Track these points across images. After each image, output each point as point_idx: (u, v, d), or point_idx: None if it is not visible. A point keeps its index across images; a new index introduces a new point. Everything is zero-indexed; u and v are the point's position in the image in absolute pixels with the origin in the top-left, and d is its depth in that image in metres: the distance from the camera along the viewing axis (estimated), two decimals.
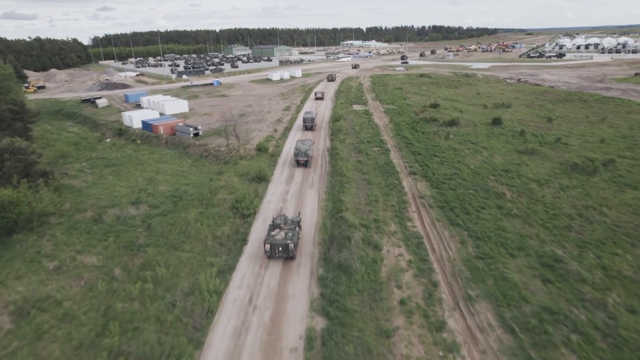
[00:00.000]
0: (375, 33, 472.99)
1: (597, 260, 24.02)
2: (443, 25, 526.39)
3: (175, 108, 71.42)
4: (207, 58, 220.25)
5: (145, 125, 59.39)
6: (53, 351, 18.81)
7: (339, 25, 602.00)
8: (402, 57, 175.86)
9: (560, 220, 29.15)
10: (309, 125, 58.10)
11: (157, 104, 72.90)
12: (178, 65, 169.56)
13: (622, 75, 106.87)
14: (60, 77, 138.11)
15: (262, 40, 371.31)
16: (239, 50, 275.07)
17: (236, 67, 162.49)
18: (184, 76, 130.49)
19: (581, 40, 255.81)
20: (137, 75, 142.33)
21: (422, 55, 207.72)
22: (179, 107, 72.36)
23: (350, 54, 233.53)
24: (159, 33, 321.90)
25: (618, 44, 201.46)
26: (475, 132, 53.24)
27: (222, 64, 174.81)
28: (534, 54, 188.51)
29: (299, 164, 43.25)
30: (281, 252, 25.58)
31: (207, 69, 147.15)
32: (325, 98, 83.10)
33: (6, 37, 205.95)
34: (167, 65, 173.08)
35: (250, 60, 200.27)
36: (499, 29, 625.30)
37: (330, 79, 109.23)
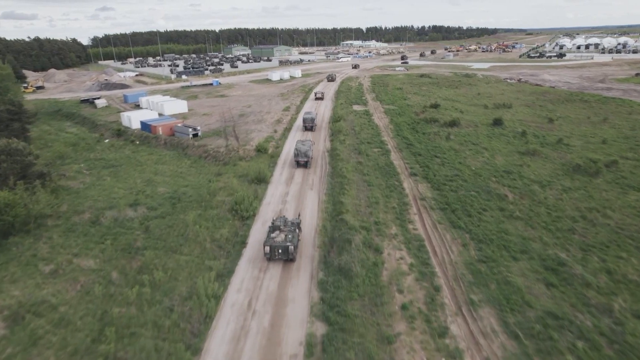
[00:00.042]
0: (375, 33, 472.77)
1: (601, 264, 23.66)
2: (443, 25, 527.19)
3: (174, 108, 71.01)
4: (207, 58, 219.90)
5: (144, 125, 59.01)
6: (48, 358, 18.43)
7: (339, 25, 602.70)
8: (402, 57, 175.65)
9: (563, 222, 28.79)
10: (308, 126, 57.77)
11: (156, 104, 72.49)
12: (177, 66, 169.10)
13: (623, 76, 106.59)
14: (59, 77, 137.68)
15: (262, 40, 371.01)
16: (239, 50, 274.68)
17: (236, 67, 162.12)
18: (184, 76, 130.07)
19: (581, 40, 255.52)
20: (136, 75, 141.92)
21: (422, 55, 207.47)
22: (178, 107, 71.95)
23: (350, 54, 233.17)
24: (158, 33, 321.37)
25: (618, 44, 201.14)
26: (476, 133, 52.88)
27: (222, 64, 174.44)
28: (534, 54, 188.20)
29: (299, 164, 42.91)
30: (281, 255, 25.27)
31: (207, 69, 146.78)
32: (325, 98, 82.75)
33: (5, 37, 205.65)
34: (167, 66, 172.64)
35: (250, 61, 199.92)
36: (498, 29, 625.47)
37: (330, 79, 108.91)
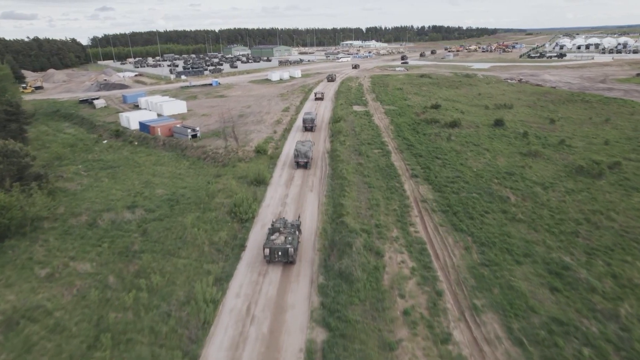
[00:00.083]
0: (375, 33, 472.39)
1: (606, 268, 23.26)
2: (443, 25, 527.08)
3: (173, 109, 70.60)
4: (206, 58, 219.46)
5: (142, 126, 58.59)
6: None
7: (339, 25, 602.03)
8: (402, 57, 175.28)
9: (566, 225, 28.40)
10: (308, 126, 57.41)
11: (155, 104, 72.04)
12: (177, 66, 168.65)
13: (624, 76, 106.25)
14: (58, 77, 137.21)
15: (262, 40, 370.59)
16: (238, 50, 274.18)
17: (235, 67, 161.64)
18: (183, 76, 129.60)
19: (581, 40, 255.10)
20: (135, 75, 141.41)
21: (422, 55, 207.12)
22: (177, 107, 71.53)
23: (350, 54, 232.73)
24: (158, 33, 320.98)
25: (618, 44, 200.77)
26: (478, 134, 52.49)
27: (221, 64, 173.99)
28: (535, 54, 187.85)
29: (299, 165, 42.53)
30: (281, 257, 24.91)
31: (206, 69, 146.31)
32: (325, 98, 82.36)
33: (4, 37, 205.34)
34: (166, 66, 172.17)
35: (250, 61, 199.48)
36: (498, 29, 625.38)
37: (330, 79, 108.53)
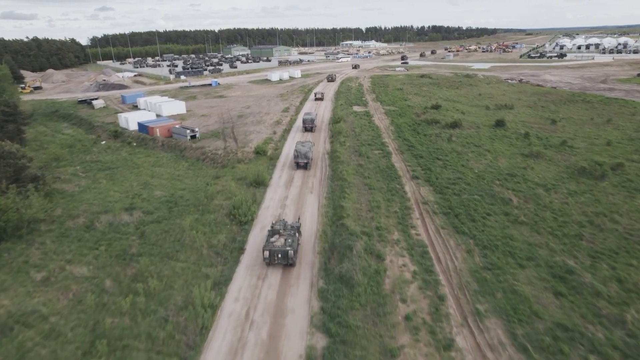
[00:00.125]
0: (375, 33, 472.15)
1: (611, 272, 22.89)
2: (442, 25, 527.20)
3: (172, 109, 70.21)
4: (206, 58, 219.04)
5: (141, 127, 58.20)
6: None
7: (339, 26, 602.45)
8: (402, 58, 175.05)
9: (570, 228, 28.03)
10: (308, 127, 57.07)
11: (154, 105, 71.67)
12: (176, 66, 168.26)
13: (625, 76, 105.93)
14: (57, 77, 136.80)
15: (261, 40, 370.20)
16: (238, 50, 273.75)
17: (235, 67, 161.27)
18: (182, 77, 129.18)
19: (581, 40, 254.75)
20: (135, 75, 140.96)
21: (422, 55, 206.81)
22: (176, 108, 71.15)
23: (350, 54, 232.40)
24: (157, 33, 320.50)
25: (619, 44, 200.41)
26: (479, 135, 52.13)
27: (221, 64, 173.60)
28: (535, 54, 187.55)
29: (299, 166, 42.19)
30: (280, 259, 24.59)
31: (206, 70, 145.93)
32: (325, 99, 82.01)
33: (3, 37, 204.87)
34: (166, 66, 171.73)
35: (249, 61, 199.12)
36: (498, 29, 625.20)
37: (330, 79, 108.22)
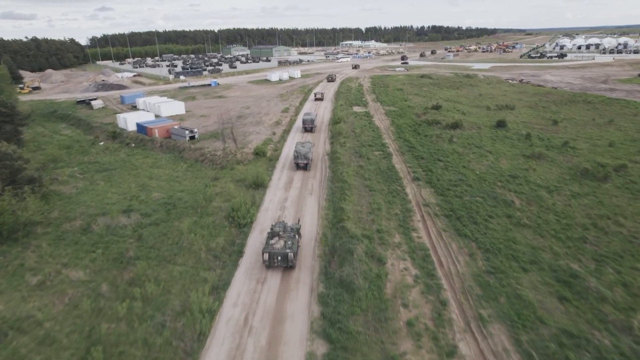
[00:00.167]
0: (375, 33, 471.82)
1: (616, 276, 22.50)
2: (442, 25, 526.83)
3: (171, 110, 69.78)
4: (206, 58, 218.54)
5: (140, 127, 57.76)
6: None
7: (338, 26, 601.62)
8: (402, 58, 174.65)
9: (573, 230, 27.64)
10: (308, 127, 56.70)
11: (153, 105, 71.25)
12: (176, 66, 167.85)
13: (625, 76, 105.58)
14: (56, 77, 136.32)
15: (261, 40, 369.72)
16: (238, 50, 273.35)
17: (234, 67, 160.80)
18: (182, 77, 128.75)
19: (581, 40, 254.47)
20: (134, 75, 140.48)
21: (422, 55, 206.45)
22: (175, 108, 70.72)
23: (350, 54, 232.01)
24: (157, 33, 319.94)
25: (619, 44, 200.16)
26: (480, 135, 51.73)
27: (221, 65, 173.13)
28: (535, 54, 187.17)
29: (299, 167, 41.82)
30: (280, 262, 24.26)
31: (205, 70, 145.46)
32: (325, 99, 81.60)
33: (2, 37, 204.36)
34: (165, 66, 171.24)
35: (249, 61, 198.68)
36: (498, 29, 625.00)
37: (330, 79, 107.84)
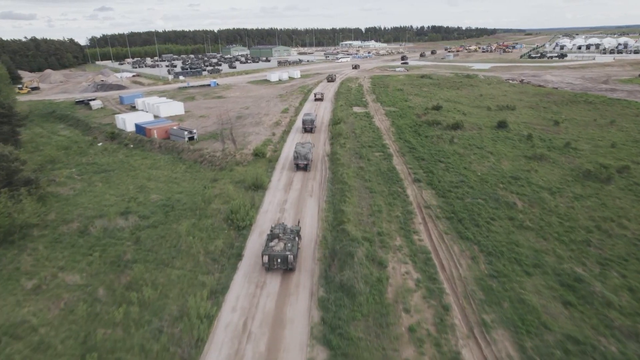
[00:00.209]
0: (374, 33, 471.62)
1: (621, 280, 22.14)
2: (442, 25, 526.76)
3: (170, 110, 69.37)
4: (205, 58, 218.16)
5: (138, 128, 57.36)
6: None
7: (338, 26, 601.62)
8: (402, 58, 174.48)
9: (577, 233, 27.28)
10: (308, 127, 56.36)
11: (152, 106, 70.85)
12: (175, 66, 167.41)
13: (626, 76, 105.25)
14: (55, 77, 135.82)
15: (261, 40, 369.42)
16: (237, 50, 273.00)
17: (234, 67, 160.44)
18: (181, 77, 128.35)
19: (581, 40, 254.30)
20: (133, 76, 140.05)
21: (422, 55, 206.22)
22: (174, 109, 70.31)
23: (350, 54, 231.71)
24: (156, 33, 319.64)
25: (619, 45, 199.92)
26: (481, 136, 51.37)
27: (220, 65, 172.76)
28: (535, 54, 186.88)
29: (299, 167, 41.48)
30: (280, 264, 23.93)
31: (205, 70, 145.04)
32: (325, 99, 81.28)
33: (1, 37, 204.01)
34: (164, 66, 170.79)
35: (249, 61, 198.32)
36: (497, 29, 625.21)
37: (330, 79, 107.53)
